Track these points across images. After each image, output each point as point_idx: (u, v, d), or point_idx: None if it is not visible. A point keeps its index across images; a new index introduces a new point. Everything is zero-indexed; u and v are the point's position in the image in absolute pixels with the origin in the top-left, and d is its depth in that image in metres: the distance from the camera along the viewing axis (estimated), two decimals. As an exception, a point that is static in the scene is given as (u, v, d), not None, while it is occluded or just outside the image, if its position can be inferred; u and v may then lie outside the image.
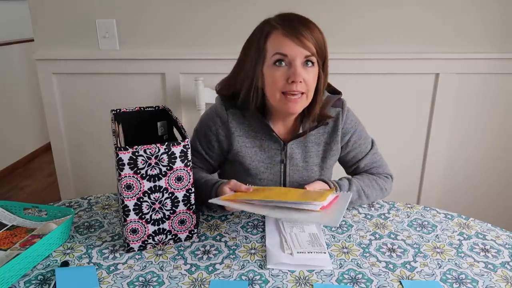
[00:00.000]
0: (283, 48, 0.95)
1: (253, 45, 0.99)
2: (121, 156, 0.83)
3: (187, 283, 0.81)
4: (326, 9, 1.63)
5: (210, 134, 1.09)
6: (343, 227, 1.00)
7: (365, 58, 1.68)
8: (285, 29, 0.95)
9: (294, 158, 1.09)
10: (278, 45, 0.95)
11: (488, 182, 1.87)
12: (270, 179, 1.10)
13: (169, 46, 1.73)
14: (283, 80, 0.96)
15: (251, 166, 1.08)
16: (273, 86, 0.98)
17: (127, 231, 0.89)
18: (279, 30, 0.96)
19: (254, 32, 1.02)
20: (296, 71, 0.95)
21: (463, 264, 0.87)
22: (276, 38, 0.96)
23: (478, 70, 1.71)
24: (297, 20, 0.97)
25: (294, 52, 0.94)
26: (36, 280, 0.81)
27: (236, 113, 1.07)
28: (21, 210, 1.02)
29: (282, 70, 0.96)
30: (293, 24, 0.96)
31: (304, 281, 0.81)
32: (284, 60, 0.95)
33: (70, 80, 1.81)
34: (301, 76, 0.95)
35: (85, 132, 1.88)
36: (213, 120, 1.08)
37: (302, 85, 0.96)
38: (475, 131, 1.80)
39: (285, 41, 0.95)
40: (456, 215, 1.06)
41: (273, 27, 0.97)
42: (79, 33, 1.73)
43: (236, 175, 1.07)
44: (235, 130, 1.07)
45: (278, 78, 0.96)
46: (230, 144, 1.08)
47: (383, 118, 1.78)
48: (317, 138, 1.09)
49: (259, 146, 1.08)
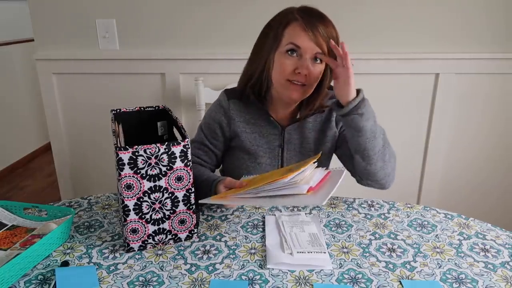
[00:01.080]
0: (298, 40, 1.01)
1: (272, 31, 1.06)
2: (121, 156, 0.83)
3: (187, 283, 0.81)
4: (326, 9, 1.62)
5: (213, 123, 1.16)
6: (343, 227, 1.00)
7: (365, 58, 1.68)
8: (304, 22, 1.01)
9: (292, 143, 1.16)
10: (295, 36, 1.02)
11: (488, 182, 1.87)
12: (269, 163, 1.16)
13: (169, 46, 1.73)
14: (291, 69, 1.03)
15: (251, 151, 1.15)
16: (281, 72, 1.04)
17: (127, 231, 0.89)
18: (299, 22, 1.02)
19: (275, 18, 1.08)
20: (304, 64, 1.01)
21: (463, 264, 0.87)
22: (295, 28, 1.02)
23: (478, 70, 1.71)
24: (317, 17, 1.03)
25: (307, 46, 1.01)
26: (36, 280, 0.82)
27: (237, 103, 1.15)
28: (21, 210, 1.02)
29: (292, 59, 1.03)
30: (312, 20, 1.01)
31: (304, 281, 0.81)
32: (297, 51, 1.02)
33: (70, 80, 1.81)
34: (307, 70, 1.02)
35: (85, 132, 1.88)
36: (216, 110, 1.17)
37: (305, 77, 1.03)
38: (475, 131, 1.80)
39: (302, 34, 1.01)
40: (456, 215, 1.06)
41: (295, 18, 1.03)
42: (79, 33, 1.73)
43: (238, 161, 1.17)
44: (236, 117, 1.14)
45: (287, 66, 1.03)
46: (232, 130, 1.15)
47: (383, 118, 1.76)
48: (313, 126, 1.16)
49: (258, 132, 1.15)
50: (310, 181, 0.87)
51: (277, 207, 1.09)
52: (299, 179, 0.86)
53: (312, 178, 0.90)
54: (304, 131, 1.16)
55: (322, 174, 0.92)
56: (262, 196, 0.88)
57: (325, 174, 0.93)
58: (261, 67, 1.08)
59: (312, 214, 1.06)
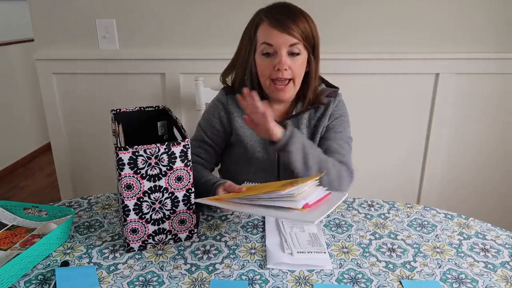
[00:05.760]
0: (269, 38, 1.05)
1: (247, 35, 1.11)
2: (121, 156, 0.83)
3: (187, 283, 0.81)
4: (326, 9, 1.63)
5: (213, 119, 1.19)
6: (343, 227, 1.00)
7: (365, 58, 1.68)
8: (271, 20, 1.05)
9: None
10: (265, 35, 1.06)
11: (488, 182, 1.87)
12: (266, 158, 1.17)
13: (169, 46, 1.73)
14: (270, 68, 1.07)
15: (249, 146, 1.16)
16: (263, 73, 1.09)
17: (127, 231, 0.89)
18: (266, 21, 1.06)
19: (249, 22, 1.12)
20: (281, 59, 1.05)
21: (463, 264, 0.87)
22: (264, 29, 1.06)
23: (478, 70, 1.71)
24: (284, 11, 1.06)
25: (279, 41, 1.04)
26: (36, 280, 0.82)
27: (235, 98, 1.15)
28: (21, 210, 1.02)
29: (269, 59, 1.07)
30: (279, 16, 1.05)
31: (304, 281, 0.81)
32: (271, 49, 1.05)
33: (70, 80, 1.81)
34: (286, 64, 1.05)
35: (85, 132, 1.88)
36: (215, 106, 1.19)
37: (288, 72, 1.06)
38: (475, 131, 1.80)
39: (271, 31, 1.05)
40: (456, 215, 1.06)
41: (261, 19, 1.07)
42: (79, 33, 1.73)
43: (236, 156, 1.19)
44: (234, 111, 1.17)
45: (266, 67, 1.07)
46: (230, 125, 1.18)
47: (383, 118, 1.78)
48: (308, 122, 1.18)
49: None
50: (308, 198, 0.86)
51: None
52: (296, 193, 0.85)
53: (310, 195, 0.88)
54: (300, 127, 1.17)
55: (322, 194, 0.91)
56: (257, 204, 0.87)
57: (325, 194, 0.91)
58: (243, 70, 1.13)
59: (312, 214, 1.06)
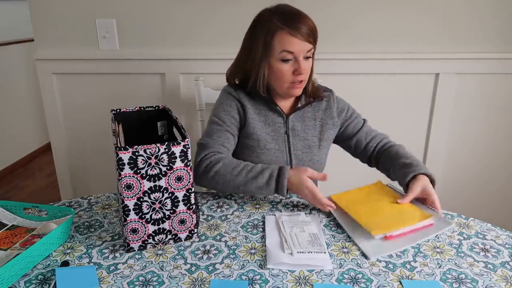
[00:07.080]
0: (290, 46, 1.10)
1: (260, 40, 1.13)
2: (121, 156, 0.83)
3: (187, 283, 0.81)
4: (326, 9, 1.63)
5: (230, 109, 1.22)
6: (343, 227, 1.00)
7: (365, 58, 1.68)
8: (290, 28, 1.09)
9: (296, 130, 1.24)
10: (286, 43, 1.10)
11: (488, 182, 1.87)
12: (277, 148, 1.22)
13: (169, 46, 1.73)
14: (290, 73, 1.13)
15: (260, 137, 1.21)
16: (282, 78, 1.15)
17: (127, 231, 0.89)
18: (286, 30, 1.09)
19: (257, 26, 1.15)
20: (301, 65, 1.12)
21: (463, 264, 0.87)
22: (283, 37, 1.10)
23: (478, 70, 1.71)
24: (296, 18, 1.10)
25: (300, 48, 1.10)
26: (36, 280, 0.82)
27: (244, 93, 1.22)
28: (21, 210, 1.02)
29: (288, 65, 1.13)
30: (294, 22, 1.09)
31: (304, 281, 0.81)
32: (290, 55, 1.11)
33: (70, 80, 1.80)
34: (305, 69, 1.13)
35: (85, 132, 1.88)
36: (229, 98, 1.23)
37: (305, 74, 1.14)
38: (475, 131, 1.80)
39: (292, 40, 1.09)
40: (456, 215, 1.06)
41: (279, 27, 1.10)
42: (79, 33, 1.73)
43: (247, 149, 1.22)
44: (246, 104, 1.21)
45: (286, 72, 1.13)
46: (245, 116, 1.21)
47: (383, 118, 1.78)
48: (313, 115, 1.26)
49: (264, 121, 1.22)
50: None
51: (276, 207, 1.09)
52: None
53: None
54: (305, 120, 1.25)
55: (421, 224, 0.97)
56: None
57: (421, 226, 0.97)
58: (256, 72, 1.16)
59: (312, 214, 1.06)
